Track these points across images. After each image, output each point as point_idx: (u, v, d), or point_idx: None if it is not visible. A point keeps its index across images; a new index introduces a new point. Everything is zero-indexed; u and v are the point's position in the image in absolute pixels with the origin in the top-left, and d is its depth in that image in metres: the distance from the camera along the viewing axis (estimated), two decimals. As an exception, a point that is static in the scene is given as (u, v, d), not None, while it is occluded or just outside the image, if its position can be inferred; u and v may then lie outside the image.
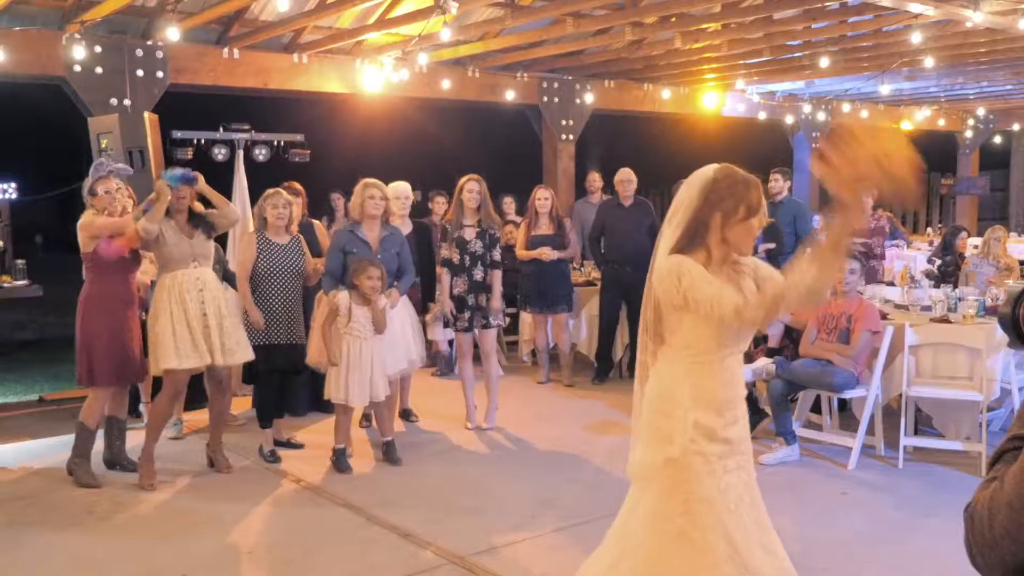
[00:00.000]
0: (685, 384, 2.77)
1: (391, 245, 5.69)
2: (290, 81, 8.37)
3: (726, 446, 2.77)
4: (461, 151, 13.98)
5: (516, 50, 9.00)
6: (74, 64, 7.15)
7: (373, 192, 5.63)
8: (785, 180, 8.28)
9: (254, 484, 5.25)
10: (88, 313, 5.15)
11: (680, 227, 2.74)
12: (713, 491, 2.72)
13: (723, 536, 2.70)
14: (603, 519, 4.57)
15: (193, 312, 5.11)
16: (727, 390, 2.81)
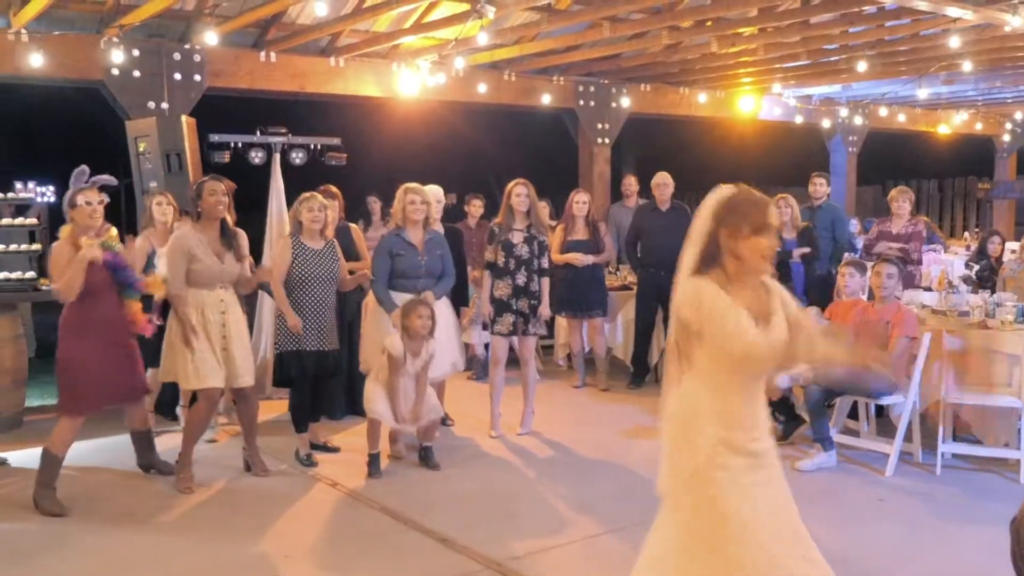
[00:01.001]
0: (708, 402, 2.76)
1: (435, 247, 5.75)
2: (326, 85, 8.40)
3: (752, 459, 2.75)
4: (497, 155, 13.96)
5: (552, 54, 8.97)
6: (112, 68, 7.22)
7: (414, 197, 5.68)
8: (826, 185, 8.18)
9: (290, 488, 5.25)
10: (68, 337, 4.87)
11: (697, 247, 2.80)
12: (742, 504, 2.68)
13: (759, 548, 2.66)
14: (639, 526, 4.50)
15: (214, 334, 5.12)
16: (752, 406, 2.81)
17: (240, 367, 5.21)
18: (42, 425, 6.72)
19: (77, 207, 4.85)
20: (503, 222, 6.22)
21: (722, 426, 2.73)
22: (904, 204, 7.39)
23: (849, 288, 6.00)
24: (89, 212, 4.85)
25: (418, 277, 5.69)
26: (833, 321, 5.74)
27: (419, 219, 5.67)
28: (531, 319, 6.18)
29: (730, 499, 2.68)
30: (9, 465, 5.76)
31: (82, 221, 4.84)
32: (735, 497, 2.68)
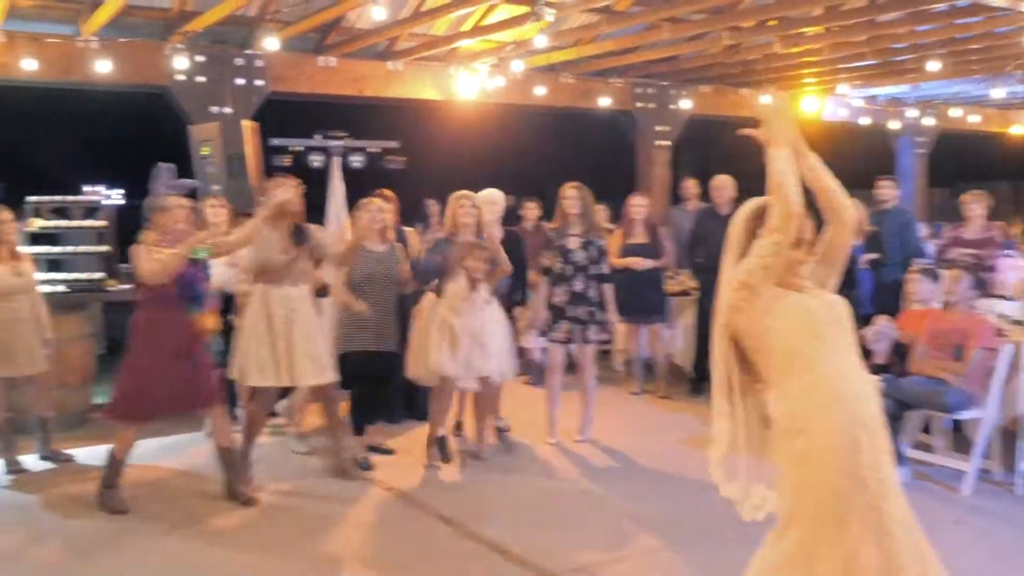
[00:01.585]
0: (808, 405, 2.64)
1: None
2: (385, 88, 8.44)
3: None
4: (554, 158, 13.87)
5: (610, 56, 8.87)
6: (177, 73, 7.34)
7: (464, 202, 5.68)
8: (894, 188, 7.92)
9: (346, 492, 5.25)
10: (135, 342, 4.82)
11: (735, 259, 2.81)
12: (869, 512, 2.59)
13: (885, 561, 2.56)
14: (699, 542, 4.43)
15: (278, 331, 5.05)
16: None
17: (305, 365, 5.11)
18: (109, 423, 6.87)
19: (166, 211, 4.84)
20: (559, 227, 6.15)
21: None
22: (977, 208, 7.12)
23: (918, 295, 5.78)
24: (177, 217, 4.84)
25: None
26: (904, 331, 5.54)
27: (470, 223, 5.64)
28: (589, 326, 6.09)
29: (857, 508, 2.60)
30: (75, 462, 5.88)
31: (169, 226, 4.81)
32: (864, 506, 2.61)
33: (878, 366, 5.75)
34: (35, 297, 5.78)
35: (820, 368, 2.65)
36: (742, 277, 2.70)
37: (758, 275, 2.67)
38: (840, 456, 2.59)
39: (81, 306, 6.88)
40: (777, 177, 2.64)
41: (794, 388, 2.67)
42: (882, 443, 2.67)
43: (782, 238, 2.63)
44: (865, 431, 2.62)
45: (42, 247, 7.07)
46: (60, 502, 5.13)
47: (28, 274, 5.72)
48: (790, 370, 2.67)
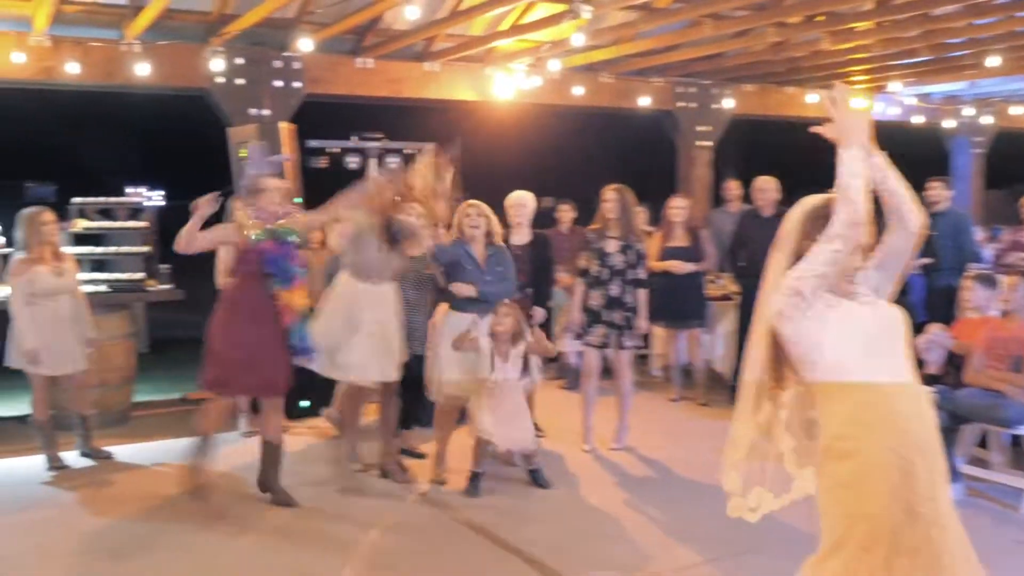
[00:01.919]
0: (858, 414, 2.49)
1: (496, 263, 5.46)
2: (422, 89, 8.39)
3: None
4: (592, 159, 13.75)
5: (651, 54, 8.71)
6: (217, 76, 7.37)
7: (469, 212, 5.46)
8: (946, 189, 7.64)
9: (379, 497, 5.20)
10: (219, 317, 4.85)
11: (785, 259, 2.64)
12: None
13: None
14: (740, 557, 4.27)
15: (366, 329, 5.06)
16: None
17: (383, 361, 5.15)
18: (149, 421, 6.95)
19: (263, 192, 4.81)
20: (598, 229, 6.03)
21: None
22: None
23: (974, 302, 5.54)
24: (273, 198, 4.82)
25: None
26: (959, 340, 5.31)
27: (476, 235, 5.41)
28: (625, 331, 5.96)
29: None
30: (114, 459, 5.94)
31: (265, 206, 4.79)
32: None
33: (931, 377, 5.51)
34: (77, 297, 5.85)
35: (872, 384, 2.49)
36: (795, 283, 2.53)
37: (811, 283, 2.50)
38: (892, 482, 2.41)
39: (122, 306, 6.95)
40: (845, 179, 2.45)
41: (843, 405, 2.50)
42: (938, 466, 2.49)
43: (843, 247, 2.47)
44: (920, 454, 2.45)
45: (85, 247, 7.14)
46: (97, 499, 5.17)
47: (70, 274, 5.80)
48: (840, 385, 2.51)
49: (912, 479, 2.41)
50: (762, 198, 7.28)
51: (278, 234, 4.81)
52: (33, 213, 5.60)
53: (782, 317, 2.56)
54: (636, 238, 6.02)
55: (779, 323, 2.57)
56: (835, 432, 2.51)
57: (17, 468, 5.74)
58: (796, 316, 2.53)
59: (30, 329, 5.50)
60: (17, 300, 5.50)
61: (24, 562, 4.31)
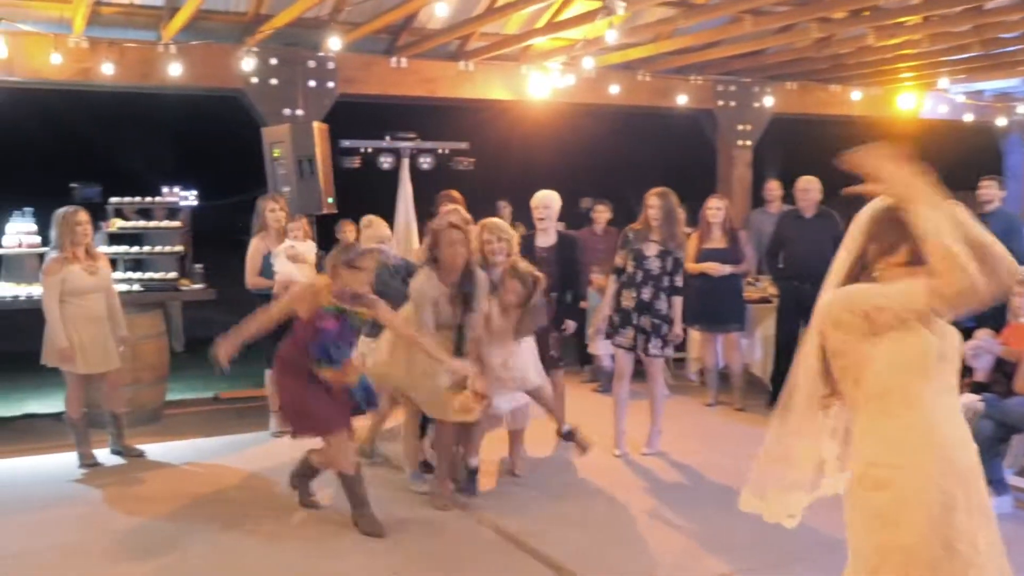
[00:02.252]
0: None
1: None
2: (456, 89, 8.32)
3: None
4: (629, 158, 13.54)
5: (689, 52, 8.54)
6: (251, 76, 7.38)
7: (489, 236, 5.25)
8: (999, 188, 7.36)
9: (400, 500, 5.13)
10: (285, 377, 4.65)
11: (845, 264, 2.44)
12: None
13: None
14: (773, 569, 4.12)
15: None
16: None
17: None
18: (181, 419, 7.00)
19: (359, 271, 4.48)
20: (639, 229, 5.90)
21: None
22: None
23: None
24: (362, 278, 4.52)
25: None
26: (1009, 346, 5.08)
27: (500, 260, 5.21)
28: (652, 338, 5.82)
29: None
30: (146, 457, 5.97)
31: (351, 284, 4.48)
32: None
33: (979, 384, 5.29)
34: (111, 296, 5.89)
35: (921, 407, 2.29)
36: (870, 310, 2.28)
37: (888, 318, 2.27)
38: (931, 515, 2.23)
39: (156, 305, 7.00)
40: (939, 244, 2.17)
41: (886, 428, 2.31)
42: (981, 500, 2.31)
43: (942, 308, 2.24)
44: (963, 486, 2.26)
45: (120, 247, 7.20)
46: (125, 498, 5.19)
47: (103, 273, 5.84)
48: (886, 407, 2.31)
49: (952, 514, 2.23)
50: (804, 198, 7.09)
51: (350, 318, 4.50)
52: (67, 213, 5.64)
53: (839, 328, 2.36)
54: (677, 245, 5.88)
55: (831, 331, 2.39)
56: (871, 458, 2.33)
57: (49, 465, 5.79)
58: (856, 332, 2.33)
59: (63, 328, 5.54)
60: (51, 299, 5.55)
61: (48, 560, 4.32)
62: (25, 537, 4.58)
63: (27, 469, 5.75)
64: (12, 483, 5.48)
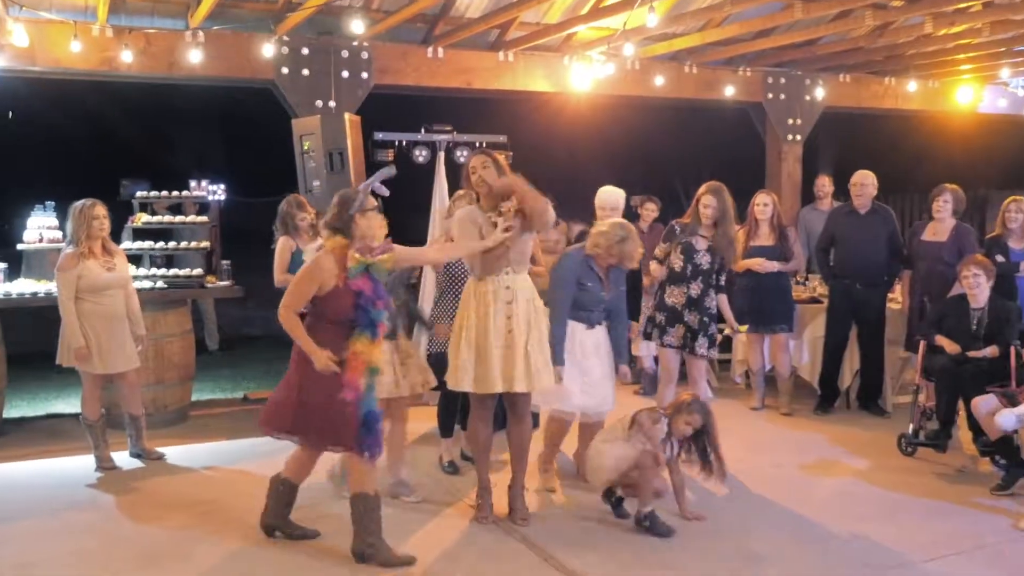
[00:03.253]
0: None
1: (616, 282, 5.03)
2: (494, 80, 8.06)
3: None
4: (675, 153, 13.10)
5: (738, 42, 8.19)
6: (282, 66, 7.19)
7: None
8: None
9: (429, 505, 4.88)
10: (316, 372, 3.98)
11: None
12: None
13: None
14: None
15: (498, 327, 4.34)
16: None
17: (536, 361, 4.39)
18: (207, 421, 6.82)
19: (368, 213, 3.99)
20: (688, 224, 5.62)
21: None
22: None
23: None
24: (377, 221, 4.06)
25: (591, 311, 4.97)
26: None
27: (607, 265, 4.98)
28: (699, 337, 5.51)
29: None
30: (165, 460, 5.78)
31: (367, 232, 4.01)
32: None
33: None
34: (129, 293, 5.70)
35: None
36: None
37: None
38: None
39: (181, 302, 6.83)
40: None
41: None
42: None
43: None
44: None
45: (145, 243, 7.04)
46: (139, 504, 5.00)
47: (121, 269, 5.65)
48: None
49: None
50: (860, 193, 6.71)
51: (374, 271, 4.04)
52: (84, 206, 5.42)
53: None
54: (728, 243, 5.61)
55: None
56: None
57: (66, 468, 5.62)
58: None
59: (79, 326, 5.37)
60: (66, 296, 5.36)
61: (56, 568, 4.13)
62: (35, 544, 4.39)
63: (45, 472, 5.59)
64: (29, 486, 5.31)
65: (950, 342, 5.44)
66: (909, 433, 5.62)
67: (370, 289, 4.01)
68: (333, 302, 3.98)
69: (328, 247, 4.01)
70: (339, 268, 3.96)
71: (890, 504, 4.90)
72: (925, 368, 5.64)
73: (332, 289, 3.96)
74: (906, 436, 5.65)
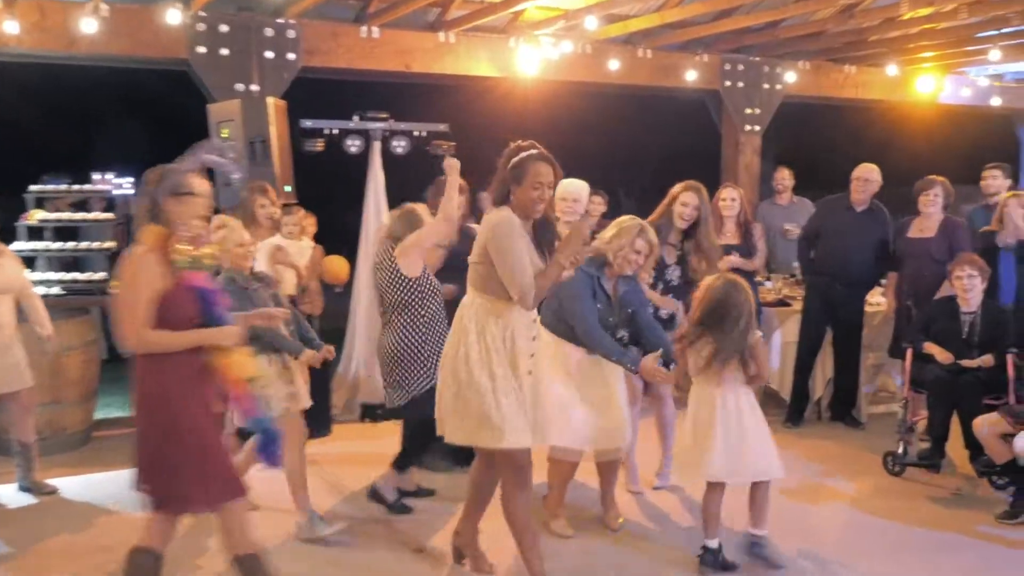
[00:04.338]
0: None
1: (630, 302, 4.42)
2: (435, 63, 7.41)
3: None
4: (626, 143, 12.59)
5: (697, 24, 7.66)
6: (197, 45, 6.44)
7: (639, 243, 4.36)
8: (1005, 178, 6.72)
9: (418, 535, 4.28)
10: (171, 398, 3.16)
11: None
12: None
13: None
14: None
15: (522, 367, 3.58)
16: None
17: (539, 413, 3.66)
18: (113, 444, 6.04)
19: (183, 196, 3.19)
20: (659, 225, 4.89)
21: None
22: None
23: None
24: (198, 205, 3.23)
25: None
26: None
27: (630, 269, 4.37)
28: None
29: None
30: (60, 495, 5.03)
31: (186, 219, 3.20)
32: None
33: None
34: (25, 296, 5.01)
35: None
36: None
37: None
38: None
39: (83, 310, 6.06)
40: None
41: None
42: None
43: None
44: None
45: (40, 243, 6.24)
46: (20, 555, 4.21)
47: (7, 272, 4.89)
48: None
49: None
50: (862, 189, 6.23)
51: (203, 266, 3.29)
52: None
53: None
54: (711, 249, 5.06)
55: None
56: None
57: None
58: None
59: None
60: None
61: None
62: None
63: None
64: None
65: (941, 350, 4.98)
66: (899, 452, 5.15)
67: (208, 283, 3.30)
68: (173, 307, 3.15)
69: (143, 239, 3.18)
70: (164, 264, 3.15)
71: (891, 537, 4.43)
72: (914, 379, 5.17)
73: (167, 292, 3.14)
74: (894, 455, 5.18)
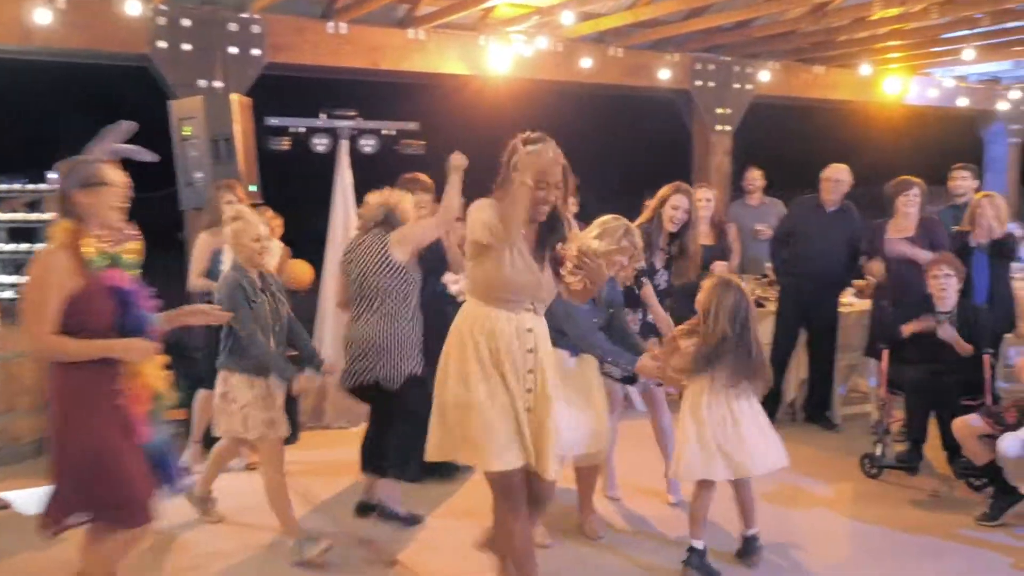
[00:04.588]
0: None
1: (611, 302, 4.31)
2: (404, 61, 7.28)
3: None
4: (597, 143, 12.53)
5: (668, 23, 7.61)
6: (158, 39, 6.24)
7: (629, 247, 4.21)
8: (973, 179, 6.85)
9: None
10: (82, 417, 2.97)
11: None
12: None
13: None
14: None
15: (516, 382, 3.23)
16: None
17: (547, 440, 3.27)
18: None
19: (94, 187, 2.98)
20: (647, 236, 4.77)
21: None
22: None
23: None
24: (113, 196, 3.00)
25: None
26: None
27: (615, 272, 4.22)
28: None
29: None
30: (13, 510, 4.80)
31: (100, 212, 2.99)
32: None
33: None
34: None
35: None
36: None
37: None
38: None
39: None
40: None
41: None
42: None
43: None
44: None
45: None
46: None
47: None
48: None
49: None
50: (833, 190, 6.24)
51: (123, 263, 3.08)
52: None
53: None
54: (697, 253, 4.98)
55: None
56: None
57: None
58: None
59: None
60: None
61: None
62: None
63: None
64: None
65: (917, 322, 4.97)
66: (876, 454, 5.12)
67: (128, 283, 3.06)
68: (87, 310, 2.93)
69: (55, 235, 2.98)
70: (76, 263, 2.94)
71: (875, 543, 4.38)
72: (891, 380, 5.14)
73: (79, 292, 2.92)
74: (871, 457, 5.15)
